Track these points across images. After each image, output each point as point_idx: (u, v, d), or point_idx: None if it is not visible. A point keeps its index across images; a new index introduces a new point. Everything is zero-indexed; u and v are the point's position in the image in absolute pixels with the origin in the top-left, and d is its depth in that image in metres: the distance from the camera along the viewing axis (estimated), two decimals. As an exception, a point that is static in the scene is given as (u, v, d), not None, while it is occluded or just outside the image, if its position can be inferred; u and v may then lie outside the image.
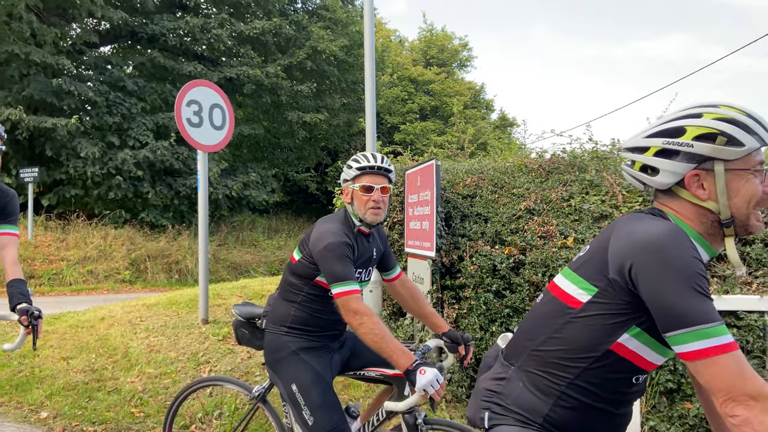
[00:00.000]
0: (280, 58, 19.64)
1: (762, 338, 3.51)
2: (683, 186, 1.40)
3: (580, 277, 1.46)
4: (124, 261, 14.31)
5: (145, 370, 5.04)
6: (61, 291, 12.37)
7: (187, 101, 5.94)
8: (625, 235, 1.37)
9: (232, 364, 5.04)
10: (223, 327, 5.85)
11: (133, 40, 18.68)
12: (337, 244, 2.38)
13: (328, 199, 23.07)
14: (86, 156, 15.00)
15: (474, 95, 29.92)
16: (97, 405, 4.53)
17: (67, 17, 16.06)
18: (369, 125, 5.49)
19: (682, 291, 1.24)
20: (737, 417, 1.18)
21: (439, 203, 4.41)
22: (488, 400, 1.59)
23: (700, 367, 1.23)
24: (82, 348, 5.72)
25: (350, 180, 2.56)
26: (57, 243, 14.40)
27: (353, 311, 2.29)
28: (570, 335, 1.46)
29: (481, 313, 4.32)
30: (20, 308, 2.60)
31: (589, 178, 4.55)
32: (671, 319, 1.25)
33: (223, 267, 16.22)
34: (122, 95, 16.50)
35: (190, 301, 6.94)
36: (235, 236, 18.94)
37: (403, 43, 31.90)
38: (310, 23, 20.39)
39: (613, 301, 1.38)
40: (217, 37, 17.56)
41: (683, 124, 1.38)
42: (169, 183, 17.18)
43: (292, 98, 19.88)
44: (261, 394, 2.88)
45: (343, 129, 23.27)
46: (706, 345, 1.21)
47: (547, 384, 1.50)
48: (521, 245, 4.30)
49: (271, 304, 2.75)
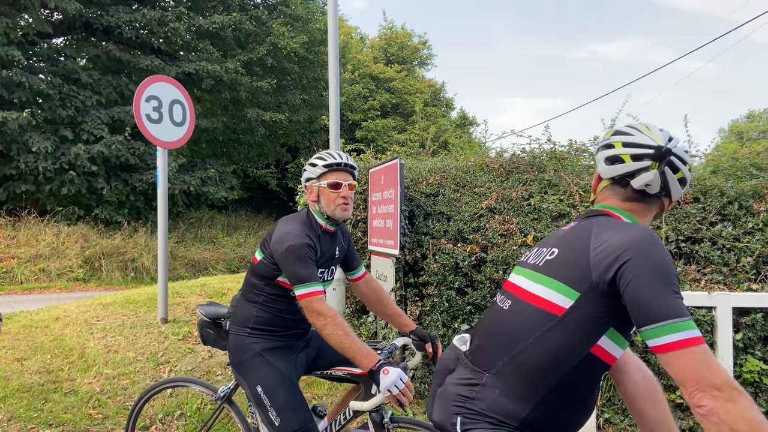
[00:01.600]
0: (240, 53, 19.37)
1: (710, 333, 3.68)
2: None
3: (558, 282, 1.53)
4: (78, 259, 13.90)
5: (103, 370, 4.93)
6: (12, 290, 11.94)
7: (146, 97, 5.82)
8: (609, 240, 1.47)
9: (193, 363, 4.98)
10: (183, 326, 5.77)
11: (87, 31, 18.09)
12: (299, 246, 2.38)
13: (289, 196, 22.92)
14: (38, 151, 14.48)
15: (434, 93, 30.19)
16: (54, 407, 4.41)
17: (18, 7, 15.44)
18: (333, 123, 5.50)
19: (661, 289, 1.35)
20: (704, 407, 1.27)
21: (402, 202, 4.46)
22: (460, 405, 1.63)
23: (672, 358, 1.32)
24: (36, 348, 5.55)
25: (315, 178, 2.57)
26: (7, 240, 13.89)
27: (317, 312, 2.30)
28: (553, 342, 1.52)
29: (443, 310, 4.39)
30: None
31: (548, 178, 4.67)
32: (649, 315, 1.35)
33: (181, 264, 15.93)
34: (76, 88, 15.98)
35: (148, 299, 6.82)
36: (193, 233, 18.61)
37: (364, 41, 31.92)
38: (269, 18, 20.15)
39: (594, 304, 1.47)
40: (175, 30, 17.17)
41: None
42: (125, 179, 16.74)
43: (251, 94, 19.63)
44: (226, 394, 2.87)
45: (303, 126, 23.11)
46: (678, 338, 1.31)
47: (526, 390, 1.55)
48: (483, 243, 4.38)
49: (234, 305, 2.74)
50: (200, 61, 18.01)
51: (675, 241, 4.00)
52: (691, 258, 3.98)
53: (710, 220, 4.03)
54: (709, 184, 4.20)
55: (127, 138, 15.99)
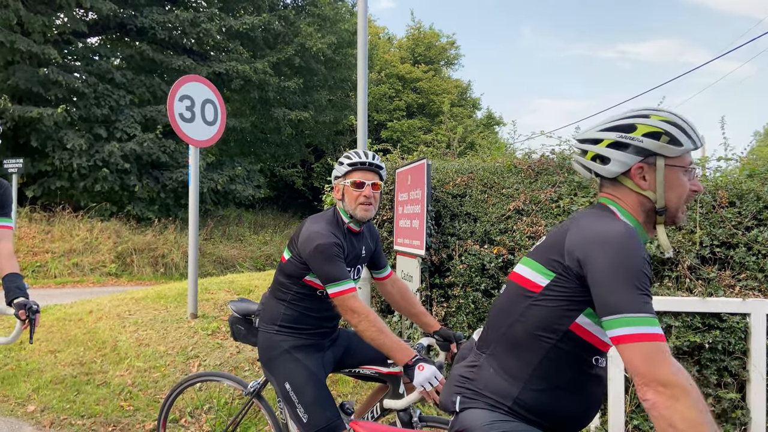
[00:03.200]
0: (269, 53, 19.56)
1: (743, 340, 3.62)
2: (628, 176, 1.60)
3: (539, 264, 1.62)
4: (110, 254, 14.22)
5: (135, 363, 5.04)
6: (46, 284, 12.27)
7: (179, 96, 5.93)
8: (583, 228, 1.55)
9: (222, 358, 5.06)
10: (212, 322, 5.87)
11: (121, 32, 18.49)
12: (327, 245, 2.41)
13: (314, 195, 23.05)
14: (72, 148, 14.85)
15: (461, 93, 30.04)
16: (86, 398, 4.53)
17: (55, 6, 15.86)
18: (360, 123, 5.53)
19: (621, 284, 1.39)
20: (647, 401, 1.32)
21: (429, 202, 4.47)
22: (461, 385, 1.71)
23: (623, 350, 1.36)
24: (70, 341, 5.70)
25: (341, 176, 2.59)
26: (42, 235, 14.27)
27: (351, 310, 2.33)
28: (532, 317, 1.60)
29: (469, 312, 4.38)
30: (18, 302, 2.59)
31: (578, 180, 4.62)
32: (606, 306, 1.41)
33: (209, 261, 16.16)
34: (110, 87, 16.35)
35: (179, 295, 6.94)
36: (221, 230, 18.86)
37: (392, 41, 31.92)
38: (298, 19, 20.32)
39: (567, 285, 1.54)
40: (207, 31, 17.45)
41: (634, 122, 1.58)
42: (156, 176, 17.06)
43: (279, 94, 19.82)
44: (256, 389, 2.91)
45: (329, 126, 23.24)
46: (630, 332, 1.35)
47: (515, 367, 1.62)
48: (510, 245, 4.37)
49: (263, 302, 2.78)
50: (230, 61, 18.24)
51: (710, 246, 3.93)
52: (726, 263, 3.91)
53: (746, 224, 3.95)
54: (745, 188, 4.11)
55: (159, 136, 16.29)
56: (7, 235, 2.90)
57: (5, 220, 2.94)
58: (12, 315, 2.62)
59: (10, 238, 2.93)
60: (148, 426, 4.12)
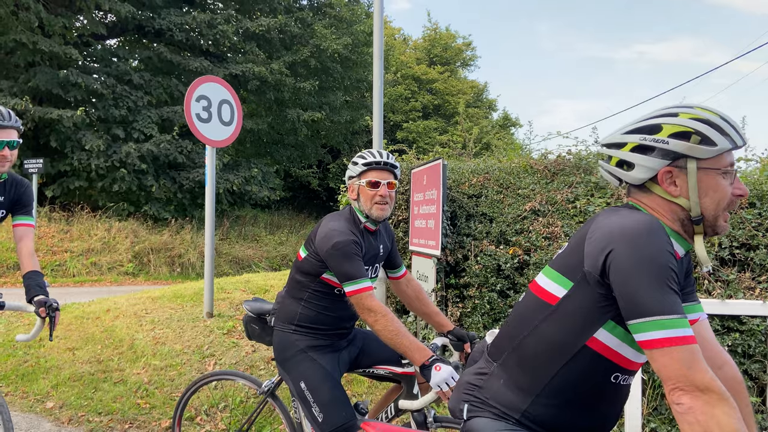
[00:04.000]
0: (285, 54, 19.67)
1: (764, 342, 3.56)
2: (656, 182, 1.46)
3: (557, 273, 1.50)
4: (128, 253, 14.37)
5: (151, 362, 5.09)
6: (65, 282, 12.43)
7: (196, 96, 5.98)
8: (601, 227, 1.41)
9: (237, 357, 5.09)
10: (228, 321, 5.90)
11: (139, 33, 18.73)
12: (345, 243, 2.40)
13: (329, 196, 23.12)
14: (91, 148, 15.05)
15: (477, 94, 29.96)
16: (104, 396, 4.58)
17: (74, 8, 16.10)
18: (376, 123, 5.53)
19: (649, 281, 1.28)
20: (682, 405, 1.23)
21: (445, 202, 4.46)
22: (469, 393, 1.64)
23: (656, 355, 1.27)
24: (87, 339, 5.77)
25: (356, 176, 2.59)
26: (61, 234, 14.47)
27: (368, 308, 2.32)
28: (548, 332, 1.49)
29: (484, 312, 4.36)
30: (38, 300, 2.63)
31: (595, 180, 4.59)
32: (634, 307, 1.30)
33: (225, 261, 16.28)
34: (129, 88, 16.56)
35: (195, 294, 6.99)
36: (237, 231, 18.99)
37: (407, 42, 31.92)
38: (314, 20, 20.41)
39: (587, 295, 1.41)
40: (223, 33, 17.59)
41: (660, 122, 1.44)
42: (173, 176, 17.23)
43: (294, 95, 19.91)
44: (270, 389, 2.91)
45: (345, 127, 23.30)
46: (663, 335, 1.26)
47: (526, 382, 1.52)
48: (526, 246, 4.34)
49: (279, 302, 2.77)
50: (247, 62, 18.37)
51: (729, 248, 3.87)
52: (746, 265, 3.85)
53: (766, 226, 3.88)
54: (766, 189, 4.05)
55: (175, 137, 16.44)
56: (28, 233, 2.95)
57: (27, 219, 2.99)
58: (32, 312, 2.66)
59: (31, 237, 2.97)
60: (164, 423, 4.15)
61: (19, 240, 2.91)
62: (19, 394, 4.71)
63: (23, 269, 2.80)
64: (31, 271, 2.77)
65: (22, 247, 2.88)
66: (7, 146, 2.73)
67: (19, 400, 4.61)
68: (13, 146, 2.78)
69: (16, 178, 3.02)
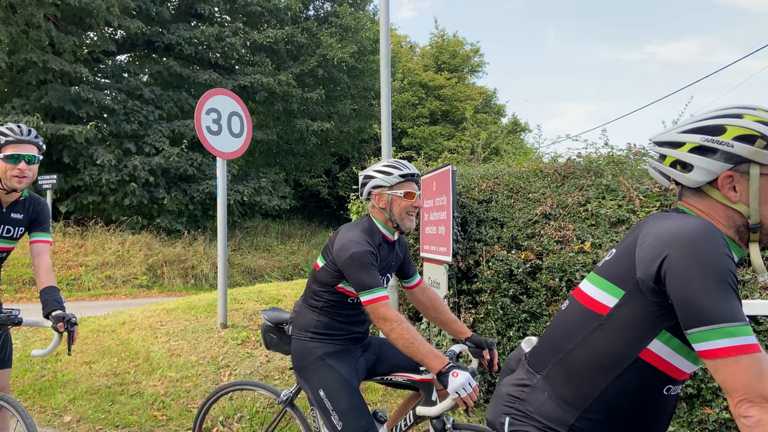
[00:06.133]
0: (292, 65, 19.81)
1: (781, 342, 3.52)
2: (715, 186, 1.38)
3: (606, 281, 1.43)
4: (142, 266, 14.48)
5: (167, 373, 5.12)
6: (80, 296, 12.53)
7: (206, 109, 6.04)
8: (654, 232, 1.35)
9: (252, 367, 5.11)
10: (242, 331, 5.93)
11: (149, 48, 18.96)
12: (362, 253, 2.42)
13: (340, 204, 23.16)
14: (102, 163, 15.22)
15: (485, 100, 29.95)
16: (120, 408, 4.61)
17: (84, 26, 16.33)
18: (385, 132, 5.54)
19: (710, 287, 1.22)
20: (751, 418, 1.17)
21: (455, 208, 4.46)
22: (510, 405, 1.57)
23: (720, 365, 1.21)
24: (104, 352, 5.81)
25: (388, 186, 2.58)
26: (75, 249, 14.61)
27: (383, 317, 2.34)
28: (598, 344, 1.42)
29: (498, 318, 4.35)
30: (55, 315, 2.66)
31: (606, 183, 4.57)
32: (695, 316, 1.23)
33: (238, 272, 16.35)
34: (139, 103, 16.76)
35: (208, 305, 7.03)
36: (249, 241, 19.08)
37: (414, 49, 32.03)
38: (319, 30, 20.55)
39: (641, 303, 1.35)
40: (231, 45, 17.79)
41: (723, 123, 1.36)
42: (184, 189, 17.37)
43: (302, 105, 20.03)
44: (289, 398, 2.93)
45: (353, 136, 23.39)
46: (729, 344, 1.19)
47: (574, 395, 1.46)
48: (538, 250, 4.32)
49: (296, 310, 2.80)
50: (255, 74, 18.52)
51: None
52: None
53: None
54: None
55: (184, 150, 16.58)
56: (45, 249, 3.00)
57: (44, 235, 3.04)
58: (49, 327, 2.69)
59: (48, 253, 3.02)
60: (181, 435, 4.18)
61: (36, 256, 2.96)
62: (36, 409, 4.75)
63: (40, 285, 2.84)
64: (48, 286, 2.81)
65: (40, 263, 2.92)
66: (24, 161, 2.78)
67: (37, 415, 4.64)
68: (33, 162, 2.83)
69: (34, 197, 3.09)
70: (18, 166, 2.77)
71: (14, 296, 11.85)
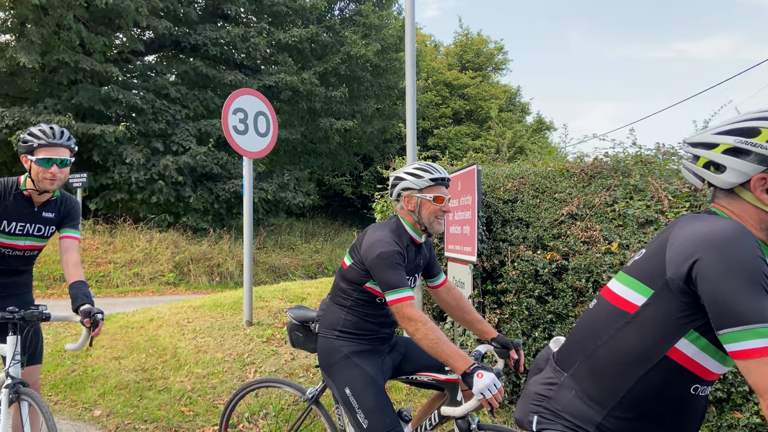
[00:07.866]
0: (316, 64, 19.90)
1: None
2: (747, 188, 1.38)
3: (635, 280, 1.44)
4: (169, 264, 14.70)
5: (194, 370, 5.19)
6: (109, 293, 12.77)
7: (233, 109, 6.11)
8: (686, 233, 1.36)
9: (277, 365, 5.15)
10: (267, 329, 5.98)
11: (176, 49, 19.23)
12: (390, 253, 2.43)
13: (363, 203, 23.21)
14: (131, 162, 15.49)
15: (509, 98, 29.73)
16: (149, 404, 4.68)
17: (114, 27, 16.63)
18: (410, 131, 5.53)
19: (743, 288, 1.22)
20: None
21: (480, 208, 4.44)
22: (538, 404, 1.59)
23: (752, 366, 1.20)
24: (132, 348, 5.92)
25: (418, 189, 2.58)
26: (104, 246, 14.89)
27: (408, 318, 2.34)
28: (625, 341, 1.43)
29: (523, 319, 4.32)
30: (83, 309, 2.71)
31: (634, 183, 4.50)
32: (727, 316, 1.23)
33: (263, 270, 16.50)
34: (167, 103, 17.01)
35: (234, 303, 7.11)
36: (273, 239, 19.23)
37: (438, 48, 31.92)
38: (343, 28, 20.60)
39: (670, 303, 1.36)
40: (256, 45, 17.93)
41: (758, 125, 1.36)
42: (210, 187, 17.58)
43: (325, 104, 20.12)
44: (314, 396, 2.94)
45: (377, 135, 23.39)
46: (761, 344, 1.19)
47: (601, 393, 1.47)
48: (564, 250, 4.28)
49: (323, 309, 2.81)
50: (279, 73, 18.65)
51: None
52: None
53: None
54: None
55: (211, 149, 16.78)
56: (73, 245, 3.06)
57: (73, 232, 3.11)
58: (77, 322, 2.75)
59: (77, 248, 3.09)
60: (207, 431, 4.23)
61: (65, 251, 3.02)
62: (68, 403, 4.85)
63: (69, 279, 2.89)
64: (77, 281, 2.87)
65: (68, 258, 2.98)
66: (56, 164, 2.83)
67: (68, 409, 4.74)
68: (65, 164, 2.88)
69: (65, 195, 3.15)
70: (50, 169, 2.81)
71: (45, 292, 12.11)
